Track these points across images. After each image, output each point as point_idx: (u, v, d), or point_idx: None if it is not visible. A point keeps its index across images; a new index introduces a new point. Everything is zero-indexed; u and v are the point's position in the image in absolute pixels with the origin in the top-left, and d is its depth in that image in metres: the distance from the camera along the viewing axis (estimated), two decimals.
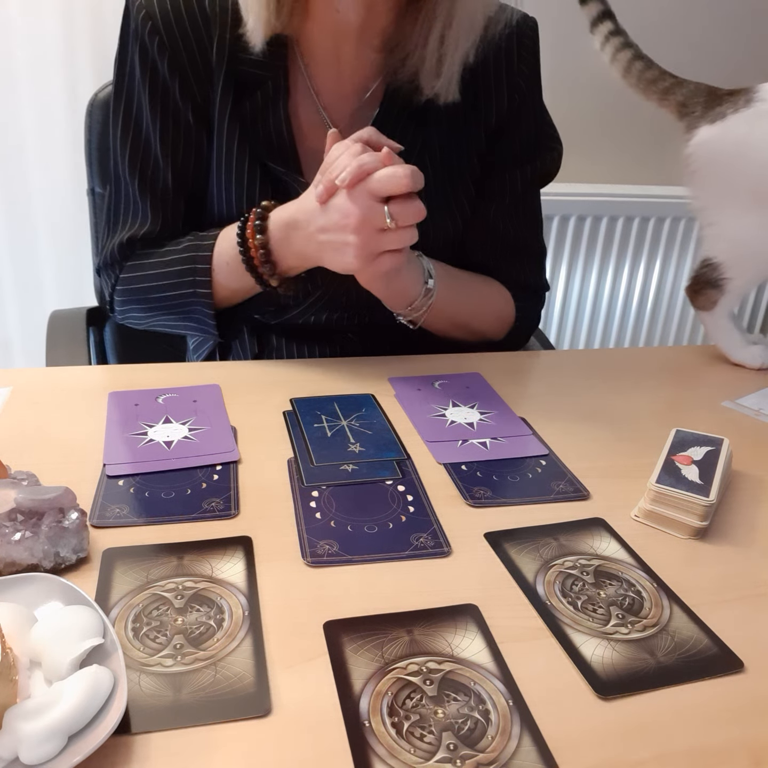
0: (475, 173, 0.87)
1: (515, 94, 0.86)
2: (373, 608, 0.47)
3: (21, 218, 1.58)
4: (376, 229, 0.69)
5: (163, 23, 0.76)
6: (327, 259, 0.74)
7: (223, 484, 0.59)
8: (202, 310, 0.83)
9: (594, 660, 0.44)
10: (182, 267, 0.81)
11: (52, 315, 1.10)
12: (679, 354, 0.94)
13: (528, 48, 0.86)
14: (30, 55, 1.44)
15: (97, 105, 1.05)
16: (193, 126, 0.80)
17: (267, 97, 0.79)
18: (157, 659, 0.42)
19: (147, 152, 0.81)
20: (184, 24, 0.77)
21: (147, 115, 0.79)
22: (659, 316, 1.97)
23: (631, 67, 0.91)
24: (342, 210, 0.69)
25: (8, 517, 0.48)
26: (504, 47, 0.84)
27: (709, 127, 0.82)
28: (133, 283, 0.84)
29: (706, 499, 0.56)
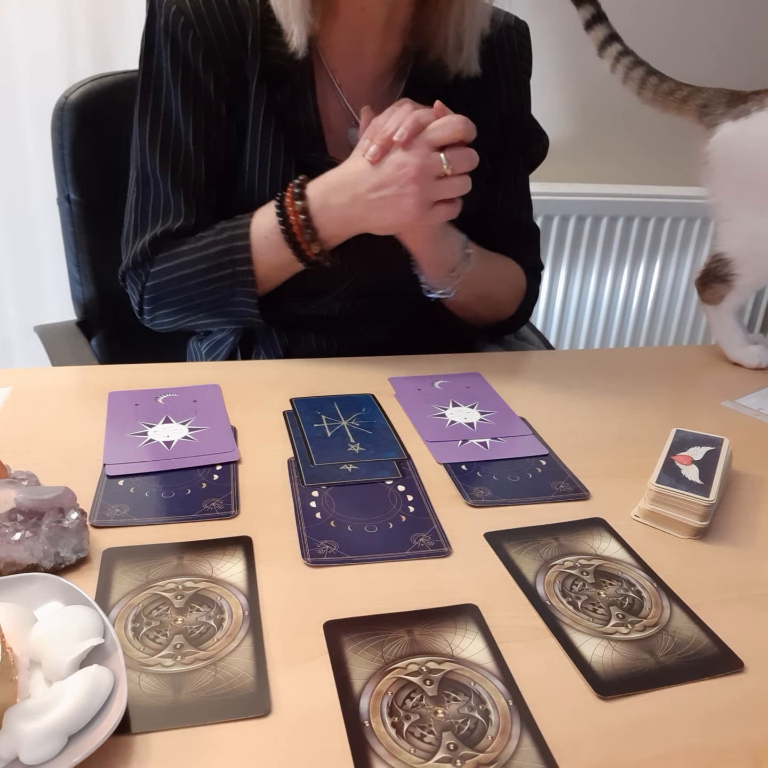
0: (491, 155, 0.90)
1: (521, 85, 0.93)
2: (373, 608, 0.47)
3: (21, 218, 1.58)
4: (434, 176, 0.72)
5: (196, 18, 0.77)
6: (376, 218, 0.76)
7: (223, 484, 0.59)
8: (242, 290, 0.81)
9: (594, 660, 0.44)
10: (220, 248, 0.80)
11: (38, 328, 1.05)
12: (679, 354, 0.94)
13: (526, 47, 0.93)
14: (30, 54, 1.45)
15: (69, 108, 0.99)
16: (225, 118, 0.81)
17: (296, 89, 0.81)
18: (157, 659, 0.42)
19: (178, 147, 0.81)
20: (217, 19, 0.78)
21: (179, 110, 0.80)
22: (659, 316, 1.97)
23: (645, 83, 0.94)
24: (398, 163, 0.72)
25: (8, 517, 0.48)
26: (508, 41, 0.90)
27: (731, 123, 0.82)
28: (166, 274, 0.82)
29: (706, 499, 0.56)
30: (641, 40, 1.71)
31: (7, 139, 1.51)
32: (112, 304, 1.04)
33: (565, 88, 1.73)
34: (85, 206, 1.03)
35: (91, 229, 1.04)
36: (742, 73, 1.79)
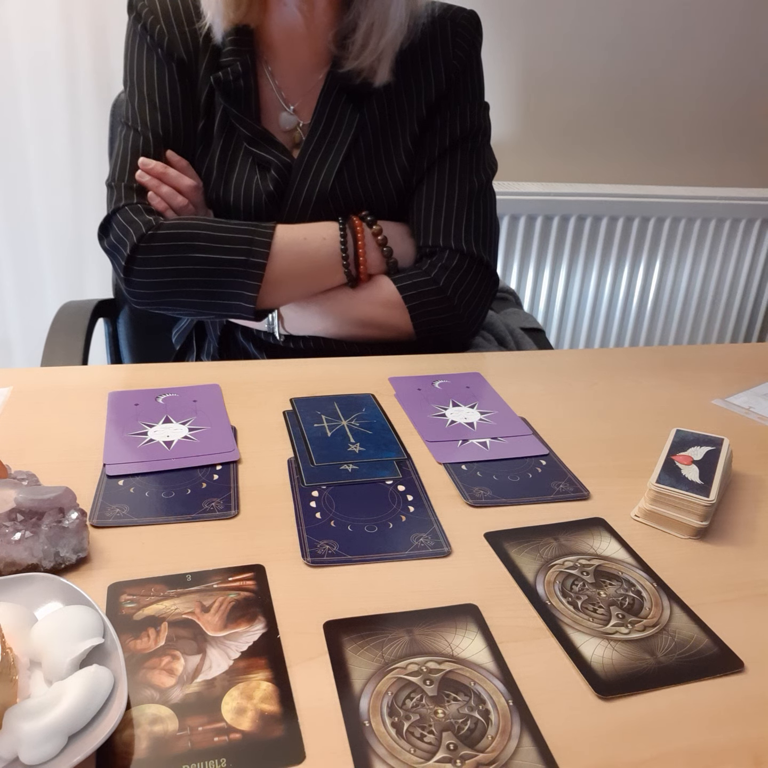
0: (408, 149, 0.92)
1: (451, 74, 0.92)
2: (373, 608, 0.47)
3: (21, 219, 1.58)
4: None
5: (162, 14, 0.88)
6: None
7: (223, 484, 0.59)
8: (244, 282, 0.83)
9: (594, 660, 0.44)
10: (239, 235, 0.84)
11: (62, 306, 1.12)
12: (678, 354, 0.94)
13: (463, 36, 0.92)
14: (30, 54, 1.44)
15: (119, 106, 1.08)
16: (181, 108, 0.89)
17: (236, 78, 0.87)
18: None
19: (152, 103, 0.89)
20: (179, 16, 0.88)
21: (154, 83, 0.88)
22: (659, 316, 1.97)
23: None
24: None
25: (8, 517, 0.48)
26: (440, 35, 0.91)
27: None
28: (183, 228, 0.84)
29: (707, 499, 0.56)
30: (640, 40, 1.71)
31: (42, 131, 1.51)
32: None
33: (565, 88, 1.73)
34: None
35: None
36: (742, 75, 1.79)
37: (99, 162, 1.55)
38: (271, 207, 0.88)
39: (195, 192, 0.89)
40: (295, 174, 0.88)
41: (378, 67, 0.87)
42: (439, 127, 0.92)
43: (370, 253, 0.88)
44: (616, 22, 1.69)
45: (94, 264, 1.65)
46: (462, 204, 0.91)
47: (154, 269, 0.84)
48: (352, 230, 0.87)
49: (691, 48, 1.74)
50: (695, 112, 1.82)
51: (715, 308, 1.99)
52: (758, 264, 1.94)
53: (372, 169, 0.90)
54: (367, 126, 0.89)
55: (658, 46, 1.73)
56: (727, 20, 1.73)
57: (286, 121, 0.90)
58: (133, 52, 0.90)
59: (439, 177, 0.91)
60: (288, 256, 0.84)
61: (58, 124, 1.51)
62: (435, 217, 0.90)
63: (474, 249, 0.89)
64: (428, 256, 0.90)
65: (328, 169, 0.88)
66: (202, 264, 0.83)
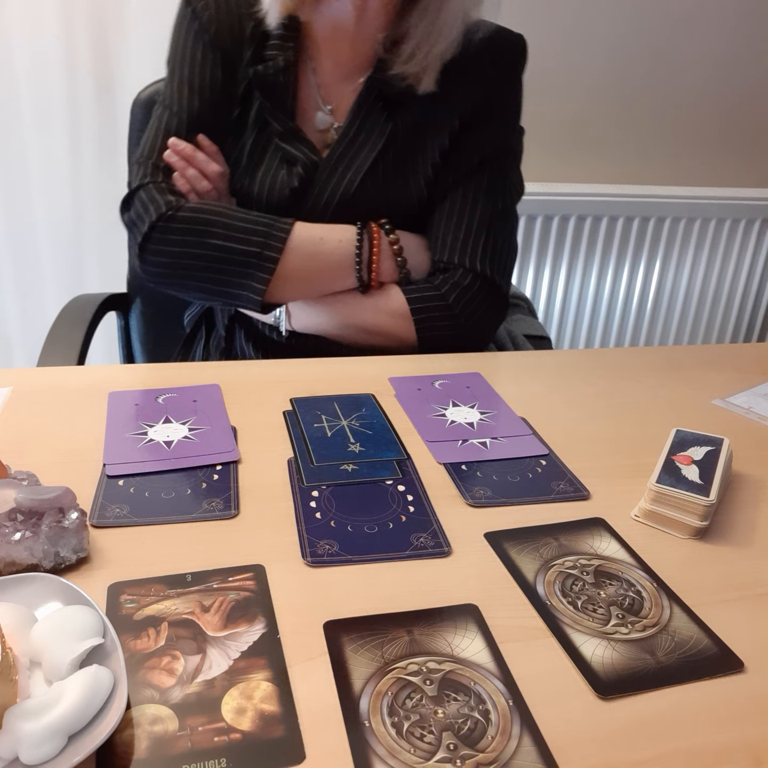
0: (435, 161, 0.92)
1: (489, 93, 0.91)
2: (373, 608, 0.47)
3: (21, 219, 1.58)
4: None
5: (213, 2, 0.89)
6: None
7: (223, 484, 0.59)
8: (255, 274, 0.84)
9: (594, 660, 0.44)
10: (257, 227, 0.84)
11: (73, 299, 1.13)
12: (678, 354, 0.94)
13: (504, 58, 0.92)
14: (30, 53, 1.44)
15: (138, 104, 1.09)
16: (219, 95, 0.89)
17: (276, 73, 0.87)
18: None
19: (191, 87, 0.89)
20: (230, 5, 0.89)
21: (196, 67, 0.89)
22: (659, 316, 1.97)
23: None
24: None
25: (8, 517, 0.48)
26: (483, 53, 0.90)
27: None
28: (203, 213, 0.84)
29: (707, 499, 0.56)
30: (640, 40, 1.71)
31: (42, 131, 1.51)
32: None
33: (565, 88, 1.73)
34: None
35: None
36: (741, 75, 1.79)
37: (99, 162, 1.55)
38: (293, 203, 0.89)
39: (220, 178, 0.89)
40: (320, 173, 0.89)
41: (424, 75, 0.87)
42: (470, 143, 0.91)
43: (383, 262, 0.88)
44: (617, 22, 1.69)
45: (95, 264, 1.65)
46: (482, 224, 0.90)
47: (168, 249, 0.85)
48: (369, 236, 0.87)
49: (691, 48, 1.74)
50: (695, 112, 1.82)
51: (715, 308, 1.99)
52: (758, 264, 1.94)
53: (397, 178, 0.91)
54: (398, 135, 0.90)
55: (658, 46, 1.73)
56: (726, 20, 1.73)
57: (321, 120, 0.91)
58: (179, 34, 0.91)
59: (463, 194, 0.91)
60: (302, 254, 0.85)
61: (58, 124, 1.51)
62: (453, 234, 0.90)
63: (488, 270, 0.89)
64: (441, 272, 0.90)
65: (354, 173, 0.89)
66: (216, 251, 0.83)
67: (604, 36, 1.69)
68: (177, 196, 0.86)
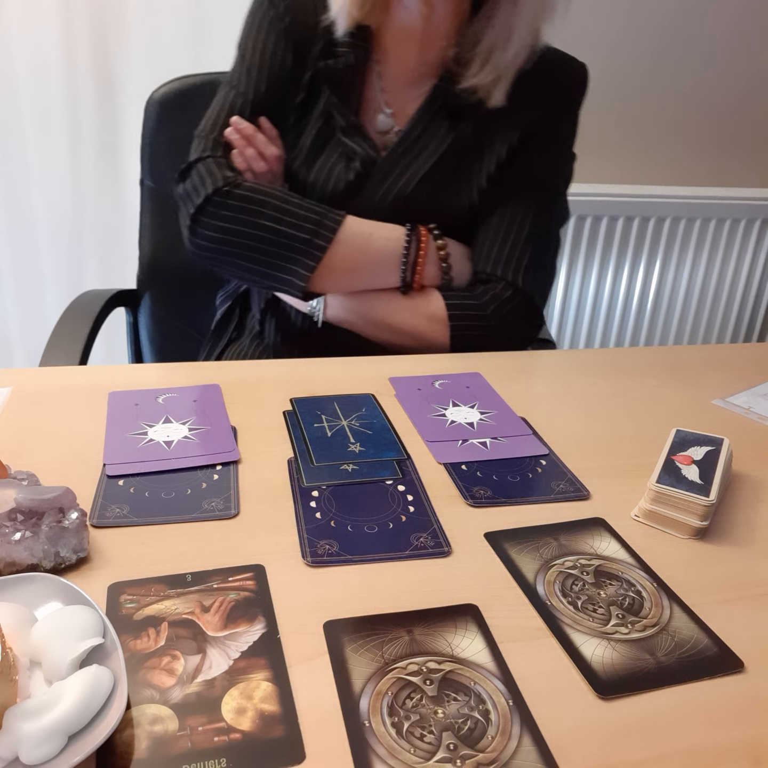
0: (490, 173, 0.92)
1: (550, 115, 0.93)
2: (373, 608, 0.47)
3: (21, 219, 1.58)
4: None
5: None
6: None
7: (223, 484, 0.59)
8: (302, 261, 0.85)
9: (594, 660, 0.44)
10: (309, 214, 0.85)
11: (81, 294, 1.15)
12: (678, 354, 0.94)
13: (568, 84, 0.95)
14: (30, 53, 1.44)
15: (153, 103, 1.12)
16: (286, 82, 0.91)
17: (346, 68, 0.89)
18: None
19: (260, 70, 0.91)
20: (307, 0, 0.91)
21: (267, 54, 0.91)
22: (659, 316, 1.97)
23: None
24: None
25: (8, 517, 0.48)
26: (547, 75, 0.92)
27: None
28: (259, 193, 0.85)
29: (707, 499, 0.56)
30: (640, 40, 1.71)
31: (42, 130, 1.51)
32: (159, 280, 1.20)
33: None
34: (156, 192, 1.17)
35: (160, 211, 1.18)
36: (741, 75, 1.79)
37: (99, 162, 1.55)
38: (347, 197, 0.90)
39: (277, 162, 0.90)
40: (377, 171, 0.90)
41: (495, 88, 0.88)
42: (526, 162, 0.92)
43: (428, 265, 0.89)
44: (616, 22, 1.68)
45: (95, 264, 1.65)
46: (529, 242, 0.92)
47: (221, 224, 0.85)
48: (416, 239, 0.88)
49: (691, 48, 1.74)
50: (695, 112, 1.82)
51: (715, 308, 1.99)
52: (758, 264, 1.94)
53: (452, 186, 0.92)
54: (458, 144, 0.91)
55: (658, 46, 1.73)
56: (726, 20, 1.73)
57: (382, 122, 0.93)
58: (254, 20, 0.92)
59: (513, 210, 0.92)
60: (350, 247, 0.86)
61: (58, 124, 1.51)
62: (499, 248, 0.91)
63: (529, 288, 0.91)
64: (483, 283, 0.91)
65: (411, 176, 0.90)
66: (267, 232, 0.84)
67: (604, 36, 1.69)
68: (235, 173, 0.87)
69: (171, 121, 1.13)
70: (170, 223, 1.14)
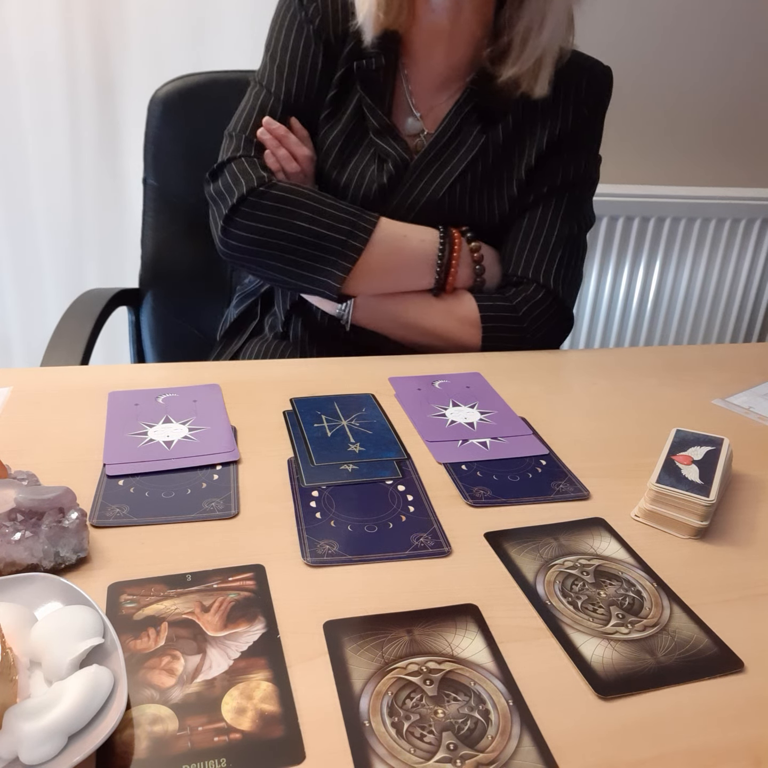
0: (520, 178, 0.93)
1: (578, 119, 0.93)
2: (373, 608, 0.47)
3: (22, 220, 1.58)
4: None
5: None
6: None
7: (223, 484, 0.59)
8: (337, 262, 0.85)
9: (594, 660, 0.44)
10: (344, 215, 0.85)
11: (84, 293, 1.15)
12: (678, 354, 0.94)
13: (595, 88, 0.94)
14: (30, 52, 1.44)
15: (156, 102, 1.12)
16: (316, 83, 0.91)
17: (378, 69, 0.89)
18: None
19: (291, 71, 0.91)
20: (336, 1, 0.90)
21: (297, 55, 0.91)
22: (659, 316, 1.97)
23: None
24: None
25: (8, 517, 0.48)
26: (574, 80, 0.92)
27: None
28: (294, 194, 0.85)
29: (707, 499, 0.56)
30: (640, 39, 1.71)
31: (42, 130, 1.51)
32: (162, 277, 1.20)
33: None
34: (159, 191, 1.17)
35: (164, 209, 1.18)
36: (741, 75, 1.79)
37: (99, 162, 1.55)
38: (379, 199, 0.90)
39: (309, 163, 0.91)
40: (410, 174, 0.90)
41: (538, 76, 0.87)
42: (555, 166, 0.93)
43: (462, 268, 0.90)
44: (616, 22, 1.68)
45: (95, 264, 1.65)
46: (558, 245, 0.92)
47: (254, 225, 0.85)
48: (450, 241, 0.89)
49: (691, 48, 1.74)
50: (695, 112, 1.82)
51: (715, 308, 1.99)
52: (758, 264, 1.94)
53: (484, 190, 0.92)
54: (488, 149, 0.91)
55: (659, 46, 1.73)
56: (726, 20, 1.73)
57: (412, 126, 0.92)
58: (284, 20, 0.92)
59: (542, 214, 0.93)
60: (384, 248, 0.86)
61: (58, 124, 1.51)
62: (529, 251, 0.92)
63: (560, 289, 0.91)
64: (514, 285, 0.91)
65: (443, 179, 0.90)
66: (302, 233, 0.84)
67: (604, 36, 1.69)
68: (269, 173, 0.87)
69: (175, 120, 1.13)
70: (173, 221, 1.16)
